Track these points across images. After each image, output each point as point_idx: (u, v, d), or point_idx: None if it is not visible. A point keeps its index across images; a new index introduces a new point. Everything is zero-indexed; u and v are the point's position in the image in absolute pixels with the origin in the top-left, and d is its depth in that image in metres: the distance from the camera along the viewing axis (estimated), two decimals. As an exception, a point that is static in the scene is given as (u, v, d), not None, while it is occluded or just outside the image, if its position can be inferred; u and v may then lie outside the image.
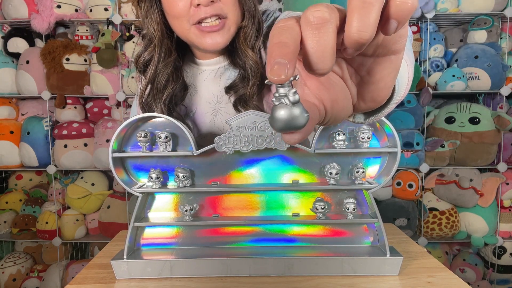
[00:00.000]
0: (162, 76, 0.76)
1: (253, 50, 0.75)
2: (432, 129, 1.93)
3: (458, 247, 2.06)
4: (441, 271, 0.64)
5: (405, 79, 0.44)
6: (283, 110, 0.27)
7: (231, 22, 0.73)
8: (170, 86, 0.76)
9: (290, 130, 0.28)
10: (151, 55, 0.76)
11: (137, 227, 0.67)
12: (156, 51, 0.75)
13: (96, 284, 0.62)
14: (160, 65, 0.75)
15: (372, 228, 0.67)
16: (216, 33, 0.72)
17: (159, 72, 0.76)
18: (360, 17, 0.24)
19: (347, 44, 0.26)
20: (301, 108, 0.27)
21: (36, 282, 1.96)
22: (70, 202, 1.96)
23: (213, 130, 0.83)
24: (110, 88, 1.90)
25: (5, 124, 1.99)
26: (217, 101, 0.82)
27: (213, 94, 0.82)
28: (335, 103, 0.32)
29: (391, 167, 0.63)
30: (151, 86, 0.77)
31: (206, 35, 0.72)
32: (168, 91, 0.76)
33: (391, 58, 0.30)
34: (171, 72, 0.77)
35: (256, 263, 0.62)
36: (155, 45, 0.75)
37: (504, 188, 1.91)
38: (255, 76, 0.74)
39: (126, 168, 0.68)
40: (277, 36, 0.26)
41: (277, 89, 0.27)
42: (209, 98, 0.82)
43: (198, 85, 0.84)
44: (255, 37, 0.76)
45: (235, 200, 0.68)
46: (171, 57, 0.77)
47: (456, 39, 1.97)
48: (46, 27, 1.86)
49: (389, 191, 1.93)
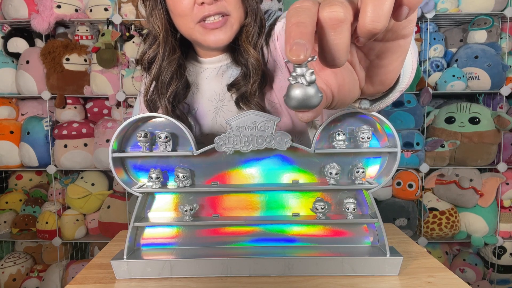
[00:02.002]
0: (167, 73, 0.77)
1: (255, 48, 0.76)
2: (432, 129, 1.93)
3: (458, 247, 2.06)
4: (441, 271, 0.64)
5: (409, 67, 0.44)
6: (299, 89, 0.29)
7: (234, 19, 0.74)
8: (174, 83, 0.78)
9: (304, 108, 0.30)
10: (156, 53, 0.77)
11: (137, 227, 0.67)
12: (160, 48, 0.76)
13: (96, 284, 0.62)
14: (164, 63, 0.77)
15: (372, 228, 0.67)
16: (219, 30, 0.73)
17: (164, 69, 0.77)
18: (374, 8, 0.25)
19: (360, 34, 0.27)
20: (316, 88, 0.29)
21: (36, 282, 1.96)
22: (70, 202, 1.96)
23: (215, 127, 0.83)
24: (110, 88, 1.90)
25: (5, 124, 1.99)
26: (219, 99, 0.83)
27: (215, 92, 0.83)
28: (342, 87, 0.33)
29: (391, 167, 0.63)
30: (156, 83, 0.78)
31: (210, 32, 0.73)
32: (172, 88, 0.77)
33: (400, 42, 0.31)
34: (175, 70, 0.78)
35: (256, 263, 0.62)
36: (160, 42, 0.76)
37: (504, 188, 1.91)
38: (257, 73, 0.75)
39: (126, 168, 0.68)
40: (295, 17, 0.27)
41: (294, 68, 0.28)
42: (211, 96, 0.83)
43: (200, 83, 0.84)
44: (257, 35, 0.77)
45: (235, 200, 0.68)
46: (175, 55, 0.78)
47: (456, 39, 1.98)
48: (46, 27, 1.86)
49: (389, 191, 1.93)
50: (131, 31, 1.94)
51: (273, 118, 0.61)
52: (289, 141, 0.61)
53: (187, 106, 0.84)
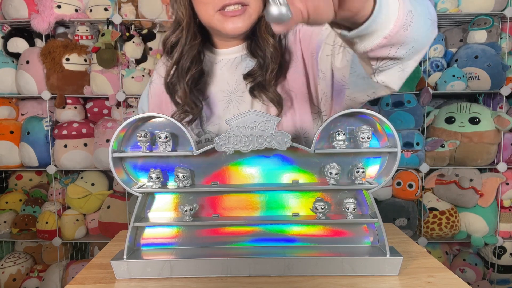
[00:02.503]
0: (187, 58, 0.81)
1: (274, 38, 0.79)
2: (432, 129, 1.93)
3: (458, 247, 2.06)
4: (441, 271, 0.64)
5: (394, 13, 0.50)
6: (275, 7, 0.39)
7: (253, 10, 0.77)
8: (193, 68, 0.82)
9: (277, 22, 0.40)
10: (178, 38, 0.81)
11: (137, 227, 0.67)
12: (183, 34, 0.80)
13: (96, 284, 0.62)
14: (186, 47, 0.80)
15: (372, 228, 0.67)
16: (237, 18, 0.76)
17: (185, 54, 0.81)
18: None
19: None
20: (287, 8, 0.39)
21: (36, 282, 1.96)
22: (70, 202, 1.96)
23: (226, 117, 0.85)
24: (110, 88, 1.90)
25: (5, 124, 1.99)
26: (231, 90, 0.85)
27: (227, 83, 0.86)
28: (317, 9, 0.43)
29: (391, 167, 0.63)
30: (176, 67, 0.82)
31: (228, 20, 0.76)
32: (191, 72, 0.81)
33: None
34: (195, 55, 0.82)
35: (256, 263, 0.62)
36: (183, 28, 0.80)
37: (504, 188, 1.91)
38: (275, 62, 0.79)
39: (126, 168, 0.68)
40: None
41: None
42: (224, 86, 0.86)
43: (214, 73, 0.87)
44: None
45: (235, 200, 0.68)
46: (196, 41, 0.82)
47: (456, 39, 1.97)
48: (46, 27, 1.86)
49: (389, 191, 1.93)
50: (131, 31, 1.94)
51: (273, 118, 0.61)
52: (289, 141, 0.61)
53: (202, 93, 0.87)
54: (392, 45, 0.53)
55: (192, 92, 0.83)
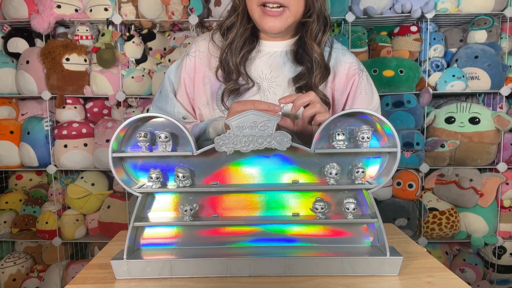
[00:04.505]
0: (241, 38, 0.90)
1: (319, 45, 0.89)
2: (432, 129, 1.92)
3: (458, 247, 2.06)
4: (441, 271, 0.64)
5: None
6: None
7: (291, 12, 0.84)
8: (245, 48, 0.90)
9: None
10: (233, 22, 0.91)
11: (137, 227, 0.67)
12: (239, 18, 0.90)
13: (96, 284, 0.62)
14: (241, 29, 0.90)
15: (372, 228, 0.67)
16: (275, 18, 0.84)
17: (239, 35, 0.90)
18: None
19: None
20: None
21: (36, 282, 1.96)
22: (70, 202, 1.96)
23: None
24: (110, 88, 1.90)
25: (5, 124, 1.98)
26: (263, 78, 0.93)
27: (262, 71, 0.93)
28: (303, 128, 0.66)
29: (391, 167, 0.63)
30: (230, 46, 0.90)
31: (267, 18, 0.85)
32: (243, 51, 0.90)
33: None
34: (247, 37, 0.91)
35: (256, 263, 0.62)
36: (239, 13, 0.89)
37: (504, 188, 1.91)
38: (319, 66, 0.88)
39: (126, 168, 0.68)
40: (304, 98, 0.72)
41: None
42: (257, 74, 0.93)
43: (253, 60, 0.94)
44: (322, 33, 0.89)
45: (235, 200, 0.68)
46: (250, 24, 0.91)
47: (456, 39, 1.97)
48: (46, 27, 1.85)
49: (389, 191, 1.93)
50: (131, 31, 1.93)
51: (273, 118, 0.61)
52: (289, 141, 0.61)
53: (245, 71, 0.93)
54: None
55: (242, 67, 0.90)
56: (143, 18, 1.89)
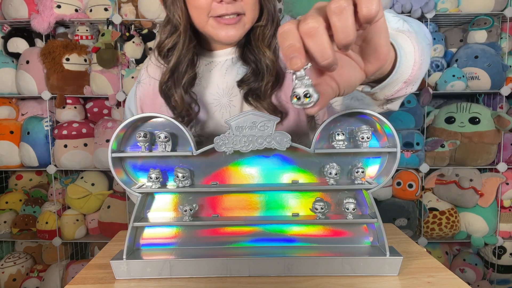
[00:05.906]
0: (185, 61, 0.79)
1: (270, 49, 0.78)
2: (432, 129, 1.92)
3: (458, 247, 2.06)
4: (441, 271, 0.64)
5: (411, 58, 0.52)
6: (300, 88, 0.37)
7: (248, 19, 0.77)
8: (190, 71, 0.80)
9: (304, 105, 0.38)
10: (175, 42, 0.78)
11: (136, 227, 0.67)
12: (181, 38, 0.78)
13: (96, 284, 0.62)
14: (183, 51, 0.78)
15: (372, 228, 0.67)
16: (232, 27, 0.75)
17: (183, 57, 0.78)
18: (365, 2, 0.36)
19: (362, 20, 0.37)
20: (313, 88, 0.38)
21: (36, 282, 1.96)
22: (70, 202, 1.96)
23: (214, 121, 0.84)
24: (110, 88, 1.90)
25: (5, 124, 1.99)
26: (221, 93, 0.84)
27: (217, 85, 0.84)
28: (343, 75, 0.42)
29: (391, 167, 0.63)
30: (172, 72, 0.79)
31: (222, 27, 0.75)
32: (188, 75, 0.79)
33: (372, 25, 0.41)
34: (191, 58, 0.80)
35: (256, 263, 0.62)
36: (180, 32, 0.77)
37: (504, 188, 1.91)
38: (271, 74, 0.78)
39: (126, 168, 0.68)
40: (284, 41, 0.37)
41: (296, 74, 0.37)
42: (213, 89, 0.85)
43: (204, 76, 0.86)
44: (274, 37, 0.80)
45: (234, 200, 0.68)
46: (192, 43, 0.80)
47: (456, 39, 1.97)
48: (46, 27, 1.86)
49: (389, 191, 1.93)
50: (131, 31, 1.94)
51: (273, 118, 0.61)
52: (288, 141, 0.61)
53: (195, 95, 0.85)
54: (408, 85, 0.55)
55: (187, 94, 0.81)
56: (143, 18, 1.89)
